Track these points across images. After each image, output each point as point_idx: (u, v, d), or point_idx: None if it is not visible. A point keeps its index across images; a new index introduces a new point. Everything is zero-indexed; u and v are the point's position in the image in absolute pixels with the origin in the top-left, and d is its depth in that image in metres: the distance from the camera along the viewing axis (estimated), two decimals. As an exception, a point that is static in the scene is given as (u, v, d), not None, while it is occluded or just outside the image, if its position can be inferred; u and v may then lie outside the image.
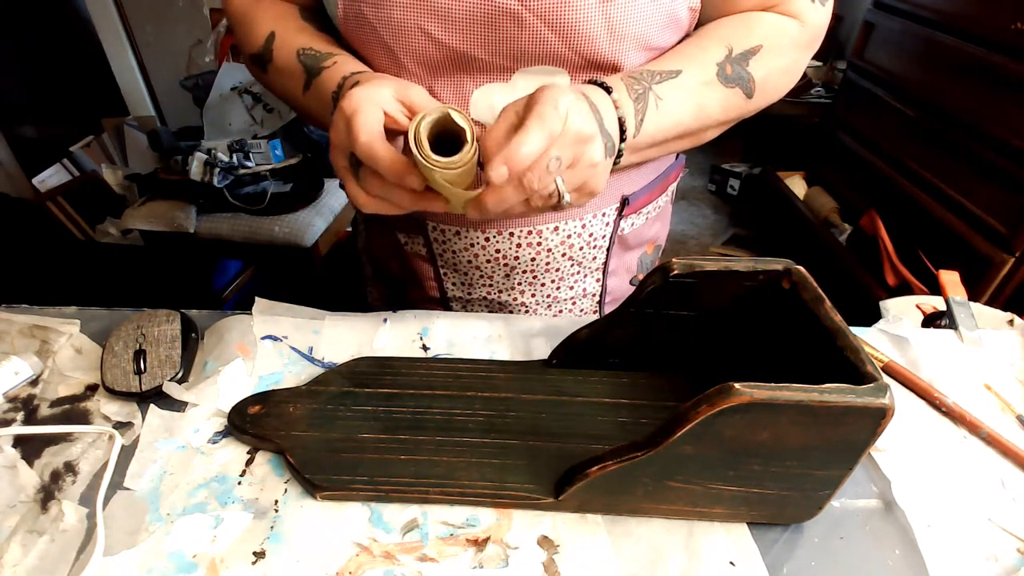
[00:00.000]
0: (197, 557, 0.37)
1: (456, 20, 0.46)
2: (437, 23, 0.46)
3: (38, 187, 1.95)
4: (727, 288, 0.44)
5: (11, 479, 0.42)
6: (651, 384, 0.49)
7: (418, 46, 0.48)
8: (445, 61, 0.49)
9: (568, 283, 0.64)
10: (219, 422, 0.46)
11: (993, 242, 1.34)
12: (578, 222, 0.59)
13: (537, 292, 0.64)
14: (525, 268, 0.60)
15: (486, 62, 0.49)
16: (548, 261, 0.60)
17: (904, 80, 1.65)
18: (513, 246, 0.58)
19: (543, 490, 0.40)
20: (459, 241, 0.59)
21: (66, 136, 2.07)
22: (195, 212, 1.68)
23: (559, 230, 0.58)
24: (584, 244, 0.61)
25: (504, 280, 0.62)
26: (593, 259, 0.63)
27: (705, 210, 2.62)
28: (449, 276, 0.63)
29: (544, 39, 0.46)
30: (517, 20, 0.45)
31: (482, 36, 0.47)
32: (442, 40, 0.47)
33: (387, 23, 0.47)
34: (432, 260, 0.62)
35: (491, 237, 0.58)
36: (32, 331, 0.54)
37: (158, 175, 1.74)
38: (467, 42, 0.47)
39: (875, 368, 0.34)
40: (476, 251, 0.59)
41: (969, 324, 0.58)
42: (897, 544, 0.40)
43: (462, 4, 0.45)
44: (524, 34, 0.46)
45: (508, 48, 0.47)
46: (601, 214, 0.59)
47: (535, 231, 0.57)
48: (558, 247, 0.59)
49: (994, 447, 0.46)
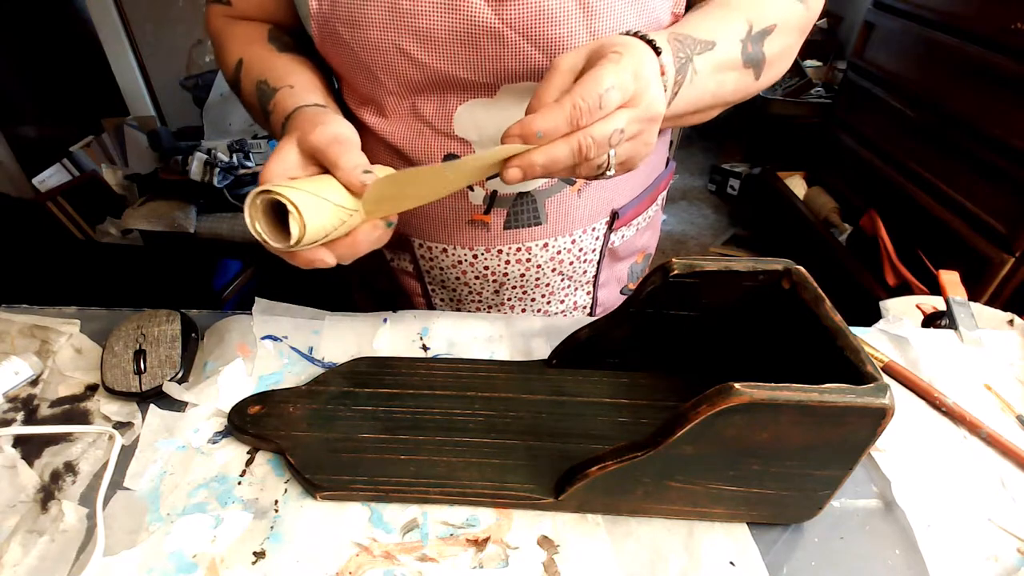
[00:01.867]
0: (197, 557, 0.37)
1: (436, 40, 0.45)
2: (416, 44, 0.45)
3: (38, 187, 1.94)
4: (727, 288, 0.44)
5: (11, 479, 0.42)
6: (651, 384, 0.49)
7: (397, 66, 0.47)
8: (426, 80, 0.48)
9: (559, 297, 0.63)
10: (219, 422, 0.46)
11: (993, 242, 1.34)
12: (567, 238, 0.57)
13: (528, 307, 0.63)
14: (515, 284, 0.59)
15: (468, 80, 0.47)
16: (538, 277, 0.59)
17: (904, 80, 1.65)
18: (502, 263, 0.57)
19: (543, 490, 0.40)
20: (446, 258, 0.58)
21: (66, 136, 2.07)
22: (195, 212, 1.68)
23: (548, 246, 0.57)
24: (574, 259, 0.60)
25: (493, 296, 0.61)
26: (583, 273, 0.62)
27: (705, 210, 2.62)
28: (437, 292, 0.63)
29: (527, 56, 0.45)
30: (498, 39, 0.44)
31: (463, 56, 0.46)
32: (422, 60, 0.46)
33: (364, 43, 0.46)
34: (419, 277, 0.62)
35: (479, 254, 0.57)
36: (32, 331, 0.54)
37: (158, 175, 1.74)
38: (448, 62, 0.46)
39: (875, 368, 0.34)
40: (464, 268, 0.58)
41: (969, 324, 0.58)
42: (897, 544, 0.40)
43: (441, 25, 0.44)
44: (506, 52, 0.45)
45: (491, 66, 0.46)
46: (591, 229, 0.58)
47: (524, 248, 0.57)
48: (548, 263, 0.58)
49: (994, 447, 0.46)
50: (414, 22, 0.44)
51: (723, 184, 2.66)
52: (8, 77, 2.01)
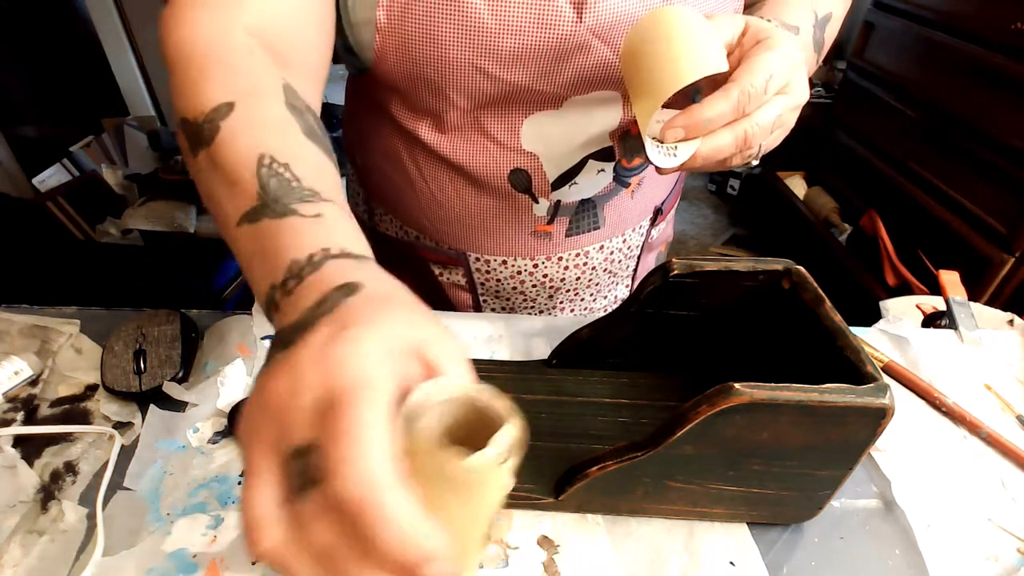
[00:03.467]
0: (197, 557, 0.37)
1: (521, 58, 0.43)
2: (496, 61, 0.43)
3: (38, 187, 1.94)
4: (727, 288, 0.44)
5: (11, 479, 0.42)
6: (651, 384, 0.49)
7: (470, 83, 0.45)
8: (498, 94, 0.46)
9: (603, 293, 0.65)
10: (219, 422, 0.46)
11: (993, 242, 1.34)
12: (619, 238, 0.59)
13: (576, 307, 0.64)
14: (569, 287, 0.60)
15: (541, 92, 0.46)
16: (591, 277, 0.60)
17: (904, 80, 1.65)
18: (561, 268, 0.57)
19: (543, 490, 0.40)
20: (505, 270, 0.57)
21: (66, 136, 2.07)
22: (195, 212, 1.68)
23: (604, 248, 0.58)
24: (622, 257, 0.61)
25: (547, 301, 0.61)
26: (627, 268, 0.64)
27: (705, 210, 2.62)
28: (489, 303, 0.62)
29: (608, 63, 0.45)
30: (586, 49, 0.43)
31: (545, 68, 0.44)
32: (499, 76, 0.44)
33: (436, 61, 0.43)
34: (472, 289, 0.61)
35: (540, 263, 0.56)
36: (32, 331, 0.54)
37: (158, 175, 1.74)
38: (528, 76, 0.45)
39: (875, 368, 0.34)
40: (523, 278, 0.58)
41: (969, 324, 0.58)
42: (897, 544, 0.40)
43: (529, 43, 0.42)
44: (590, 62, 0.44)
45: (571, 77, 0.45)
46: (639, 227, 0.60)
47: (582, 252, 0.57)
48: (601, 263, 0.59)
49: (994, 447, 0.46)
50: (497, 41, 0.42)
51: (723, 184, 2.66)
52: (8, 77, 2.01)
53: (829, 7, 0.50)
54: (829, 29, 0.50)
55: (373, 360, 0.19)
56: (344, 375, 0.18)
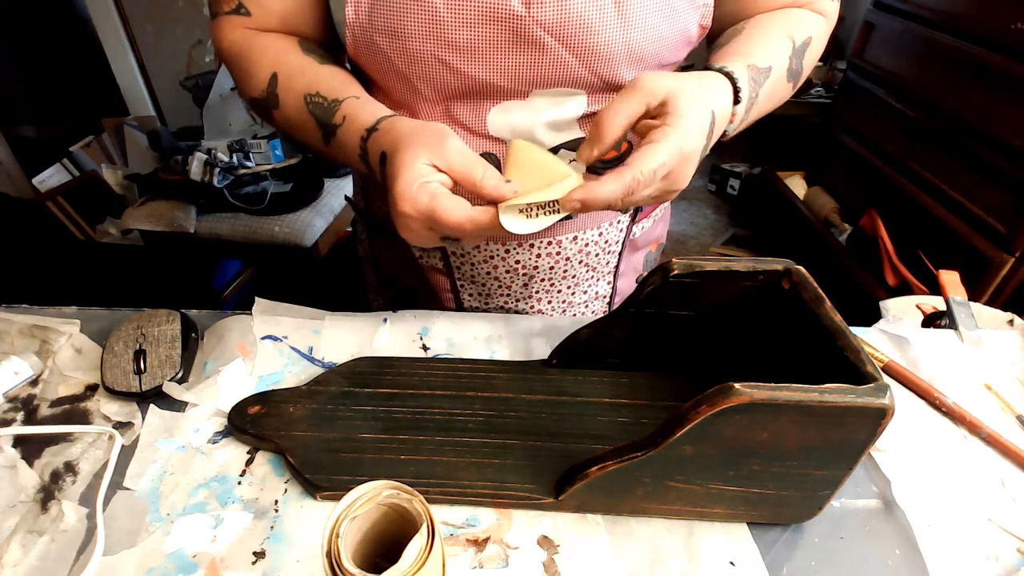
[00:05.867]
0: (197, 557, 0.37)
1: (476, 50, 0.46)
2: (456, 54, 0.46)
3: (38, 187, 1.94)
4: (727, 288, 0.44)
5: (11, 479, 0.42)
6: (651, 384, 0.49)
7: (435, 74, 0.48)
8: (463, 87, 0.49)
9: (583, 287, 0.65)
10: (219, 422, 0.46)
11: (993, 242, 1.34)
12: (595, 230, 0.59)
13: (554, 299, 0.64)
14: (544, 276, 0.60)
15: (503, 86, 0.48)
16: (566, 268, 0.61)
17: (904, 80, 1.65)
18: (533, 256, 0.58)
19: (543, 490, 0.40)
20: (478, 254, 0.58)
21: (66, 136, 2.07)
22: (195, 212, 1.68)
23: (578, 239, 0.58)
24: (600, 251, 0.61)
25: (522, 289, 0.62)
26: (607, 263, 0.64)
27: (705, 210, 2.62)
28: (466, 287, 0.63)
29: (565, 63, 0.47)
30: (540, 47, 0.46)
31: (502, 64, 0.47)
32: (460, 69, 0.47)
33: (402, 53, 0.47)
34: (449, 273, 0.62)
35: (511, 249, 0.57)
36: (32, 331, 0.54)
37: (158, 175, 1.74)
38: (486, 70, 0.47)
39: (875, 368, 0.34)
40: (496, 263, 0.59)
41: (969, 324, 0.58)
42: (897, 544, 0.40)
43: (482, 35, 0.45)
44: (546, 59, 0.46)
45: (528, 73, 0.47)
46: (616, 221, 0.60)
47: (555, 241, 0.58)
48: (576, 255, 0.60)
49: (994, 447, 0.46)
50: (455, 33, 0.45)
51: (723, 184, 2.66)
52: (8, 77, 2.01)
53: (808, 32, 0.52)
54: (809, 55, 0.52)
55: (419, 195, 0.40)
56: (416, 208, 0.40)
